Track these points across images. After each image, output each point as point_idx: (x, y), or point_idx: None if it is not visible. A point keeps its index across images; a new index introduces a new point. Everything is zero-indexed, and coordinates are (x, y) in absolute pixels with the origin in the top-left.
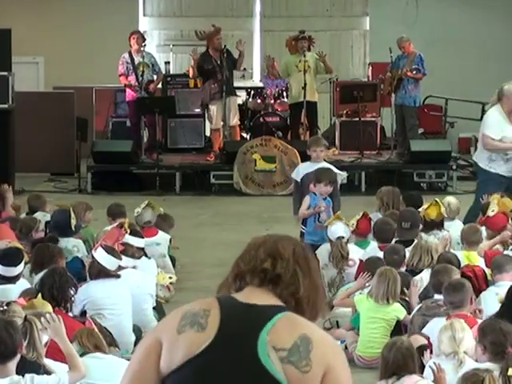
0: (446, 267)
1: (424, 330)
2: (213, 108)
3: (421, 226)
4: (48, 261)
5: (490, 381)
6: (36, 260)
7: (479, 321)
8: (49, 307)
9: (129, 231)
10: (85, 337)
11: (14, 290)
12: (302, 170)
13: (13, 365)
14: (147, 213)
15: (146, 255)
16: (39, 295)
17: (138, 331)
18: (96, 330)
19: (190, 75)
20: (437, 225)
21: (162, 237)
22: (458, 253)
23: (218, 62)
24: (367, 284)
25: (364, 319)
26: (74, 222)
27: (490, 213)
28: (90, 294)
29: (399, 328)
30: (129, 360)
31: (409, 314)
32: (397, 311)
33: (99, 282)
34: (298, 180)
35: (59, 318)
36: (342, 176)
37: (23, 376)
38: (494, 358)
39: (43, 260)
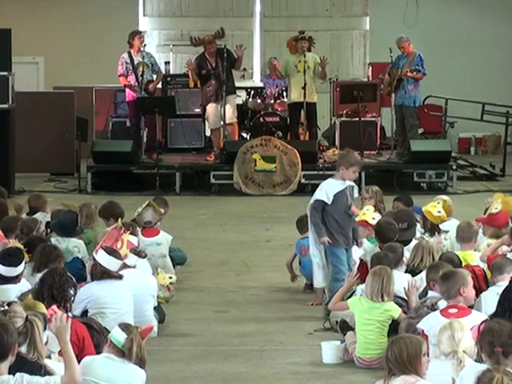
0: (438, 264)
1: (419, 325)
2: (208, 109)
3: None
4: (54, 260)
5: (498, 381)
6: (41, 259)
7: (473, 311)
8: (41, 307)
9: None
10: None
11: (14, 290)
12: (332, 189)
13: (4, 366)
14: (147, 212)
15: None
16: (30, 296)
17: None
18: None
19: (193, 85)
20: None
21: (163, 237)
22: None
23: (214, 66)
24: (356, 283)
25: (359, 321)
26: (79, 223)
27: (494, 210)
28: (92, 292)
29: (396, 326)
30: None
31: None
32: (391, 311)
33: (102, 282)
34: (329, 202)
35: (69, 321)
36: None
37: (13, 375)
38: (488, 358)
39: (48, 260)
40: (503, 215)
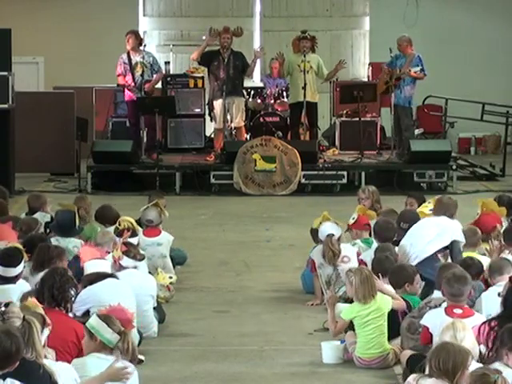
0: (449, 264)
1: (422, 321)
2: (216, 107)
3: None
4: (48, 261)
5: (502, 383)
6: (37, 259)
7: (476, 313)
8: (40, 309)
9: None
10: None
11: (13, 291)
12: None
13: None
14: (151, 212)
15: None
16: (28, 298)
17: (138, 332)
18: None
19: (193, 57)
20: None
21: (165, 237)
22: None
23: (225, 61)
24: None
25: (358, 326)
26: (77, 222)
27: (476, 216)
28: (94, 292)
29: (394, 317)
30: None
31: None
32: (383, 305)
33: (103, 282)
34: None
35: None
36: None
37: (4, 379)
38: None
39: (44, 260)
40: (488, 218)
